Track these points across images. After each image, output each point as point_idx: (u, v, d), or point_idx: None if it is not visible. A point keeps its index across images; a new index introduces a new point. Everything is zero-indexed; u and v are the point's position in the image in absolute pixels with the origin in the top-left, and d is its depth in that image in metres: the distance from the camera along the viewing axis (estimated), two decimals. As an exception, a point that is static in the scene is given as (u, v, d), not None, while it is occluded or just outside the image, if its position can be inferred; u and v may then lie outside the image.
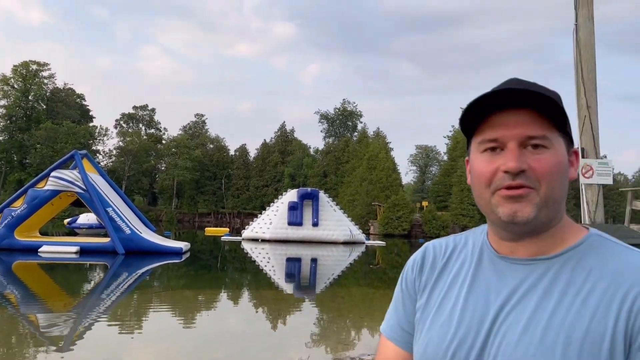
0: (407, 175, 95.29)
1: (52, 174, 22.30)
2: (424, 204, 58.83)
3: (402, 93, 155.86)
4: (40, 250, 21.33)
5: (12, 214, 21.68)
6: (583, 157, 9.50)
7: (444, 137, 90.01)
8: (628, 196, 13.58)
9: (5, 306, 11.10)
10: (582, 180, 9.39)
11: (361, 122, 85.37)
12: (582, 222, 9.56)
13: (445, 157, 78.21)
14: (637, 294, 0.82)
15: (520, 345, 0.85)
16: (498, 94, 0.89)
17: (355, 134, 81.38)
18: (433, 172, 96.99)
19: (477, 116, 0.93)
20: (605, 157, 10.55)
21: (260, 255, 26.69)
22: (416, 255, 1.10)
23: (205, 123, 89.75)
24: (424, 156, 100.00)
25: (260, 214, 38.18)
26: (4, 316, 10.06)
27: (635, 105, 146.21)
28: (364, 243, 36.25)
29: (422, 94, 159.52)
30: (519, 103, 0.89)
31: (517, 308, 0.89)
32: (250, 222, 38.07)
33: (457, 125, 75.37)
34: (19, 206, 21.85)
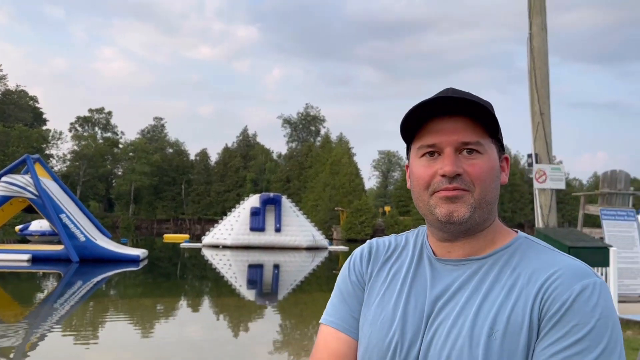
0: (370, 180, 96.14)
1: (3, 178, 21.43)
2: (387, 209, 59.54)
3: (365, 98, 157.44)
4: (-12, 258, 20.37)
5: (-42, 221, 20.66)
6: (536, 162, 9.81)
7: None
8: (581, 201, 14.13)
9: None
10: (536, 185, 9.69)
11: (324, 127, 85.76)
12: (536, 226, 9.87)
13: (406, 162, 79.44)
14: (548, 285, 0.90)
15: (449, 338, 0.92)
16: (436, 102, 0.95)
17: (319, 138, 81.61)
18: (395, 177, 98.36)
19: (416, 123, 0.99)
20: (561, 162, 10.94)
21: (221, 262, 26.31)
22: (363, 248, 1.15)
23: (164, 127, 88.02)
24: (387, 161, 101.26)
25: (222, 220, 37.68)
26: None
27: (590, 112, 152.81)
28: (326, 248, 36.30)
29: (385, 99, 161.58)
30: (455, 111, 0.96)
31: (449, 305, 0.96)
32: (212, 229, 37.50)
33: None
34: (-34, 213, 20.84)
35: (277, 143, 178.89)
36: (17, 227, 42.80)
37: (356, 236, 51.62)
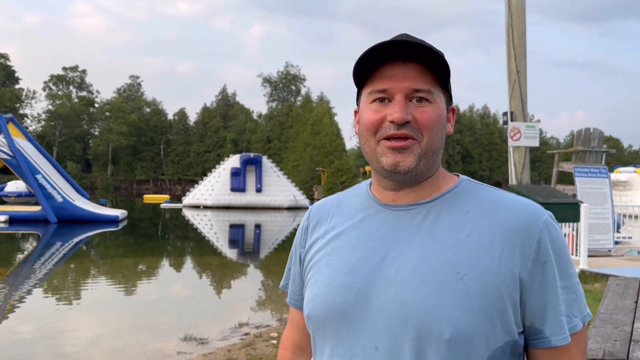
0: (351, 140, 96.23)
1: (-26, 139, 20.82)
2: (367, 168, 59.86)
3: (347, 57, 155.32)
4: (-36, 220, 20.08)
5: None
6: (512, 120, 9.92)
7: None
8: (555, 158, 14.41)
9: None
10: (510, 142, 9.84)
11: (305, 87, 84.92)
12: (510, 183, 10.08)
13: (387, 122, 79.46)
14: (518, 226, 0.92)
15: (410, 285, 0.90)
16: (389, 45, 0.93)
17: (299, 98, 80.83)
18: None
19: (367, 68, 0.97)
20: (539, 121, 11.08)
21: (202, 222, 26.37)
22: (302, 220, 1.16)
23: (140, 85, 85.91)
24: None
25: (202, 180, 37.54)
26: None
27: (570, 71, 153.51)
28: (307, 208, 36.53)
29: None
30: (408, 56, 0.94)
31: (404, 251, 0.94)
32: (192, 189, 37.37)
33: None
34: (-63, 174, 20.34)
35: (257, 103, 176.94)
36: (-7, 189, 42.07)
37: (337, 196, 52.04)
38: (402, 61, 0.94)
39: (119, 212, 22.96)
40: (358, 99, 1.05)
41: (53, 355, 6.02)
